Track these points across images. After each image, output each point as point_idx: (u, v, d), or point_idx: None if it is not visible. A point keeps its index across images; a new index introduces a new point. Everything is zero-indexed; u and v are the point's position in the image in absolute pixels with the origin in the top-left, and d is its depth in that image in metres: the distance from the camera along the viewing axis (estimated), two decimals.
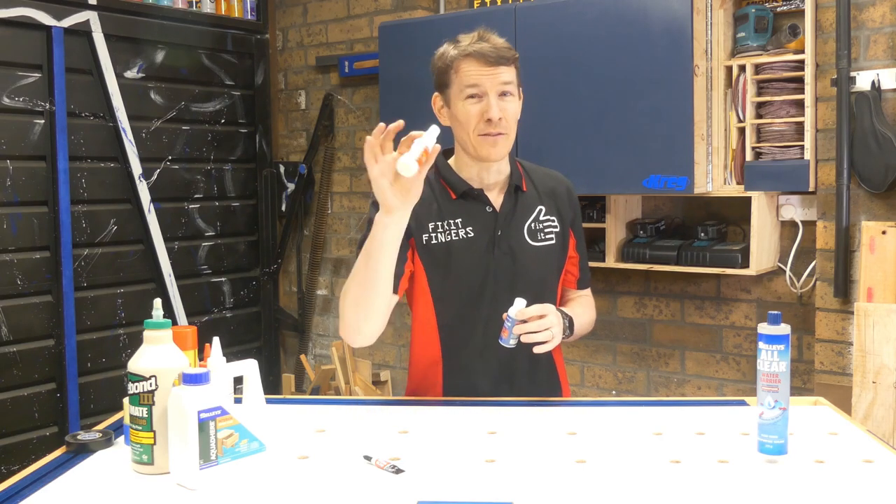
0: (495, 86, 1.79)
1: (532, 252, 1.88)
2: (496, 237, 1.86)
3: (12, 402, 3.30)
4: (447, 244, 1.85)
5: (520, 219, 1.89)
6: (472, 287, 1.85)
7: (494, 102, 1.79)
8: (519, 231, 1.88)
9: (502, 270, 1.86)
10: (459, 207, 1.87)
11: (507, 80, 1.80)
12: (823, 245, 2.89)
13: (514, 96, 1.82)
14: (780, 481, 1.34)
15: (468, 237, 1.86)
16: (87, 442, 1.51)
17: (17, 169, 3.29)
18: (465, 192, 1.87)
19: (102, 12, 3.52)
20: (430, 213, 1.86)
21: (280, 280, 4.41)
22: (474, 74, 1.79)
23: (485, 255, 1.85)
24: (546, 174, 2.00)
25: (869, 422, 2.63)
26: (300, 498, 1.31)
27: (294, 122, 4.35)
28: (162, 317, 1.43)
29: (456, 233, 1.86)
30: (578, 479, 1.36)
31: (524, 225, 1.89)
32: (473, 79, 1.79)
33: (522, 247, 1.88)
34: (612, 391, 3.51)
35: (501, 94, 1.80)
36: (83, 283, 3.51)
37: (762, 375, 1.44)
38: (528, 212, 1.91)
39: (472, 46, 1.80)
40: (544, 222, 1.92)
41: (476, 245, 1.86)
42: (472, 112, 1.80)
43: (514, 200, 1.90)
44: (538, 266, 1.90)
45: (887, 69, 2.73)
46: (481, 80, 1.79)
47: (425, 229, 1.86)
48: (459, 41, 1.83)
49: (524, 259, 1.87)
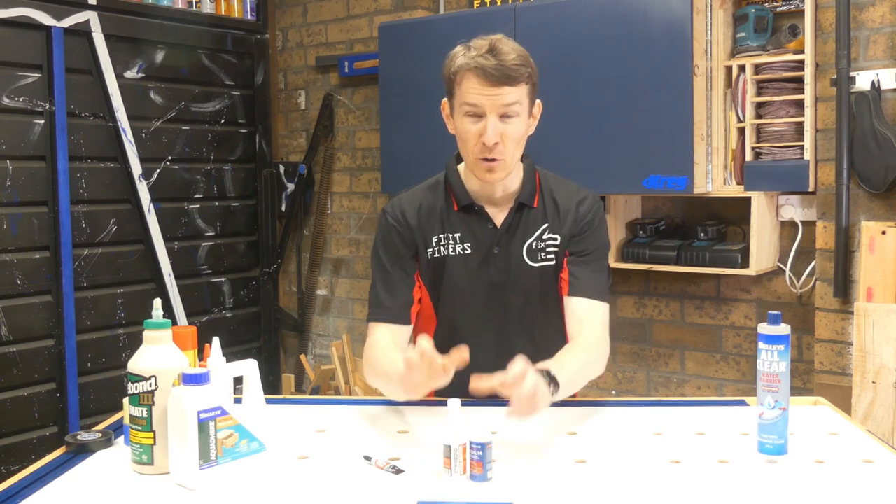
0: (495, 107, 1.68)
1: (529, 272, 1.81)
2: (492, 255, 1.81)
3: (12, 402, 3.30)
4: (444, 258, 1.82)
5: (520, 237, 1.82)
6: (464, 303, 1.82)
7: (492, 125, 1.68)
8: (517, 250, 1.81)
9: (495, 288, 1.81)
10: (460, 221, 1.83)
11: (510, 102, 1.68)
12: (823, 245, 2.89)
13: (518, 117, 1.71)
14: (780, 481, 1.34)
15: (464, 253, 1.81)
16: (86, 442, 1.51)
17: (17, 169, 3.29)
18: (466, 206, 1.82)
19: (102, 12, 3.52)
20: (434, 226, 1.83)
21: (280, 280, 4.41)
22: (474, 93, 1.68)
23: (478, 272, 1.81)
24: (566, 189, 1.87)
25: (869, 422, 2.63)
26: (300, 498, 1.31)
27: (294, 123, 4.35)
28: (162, 317, 1.43)
29: (453, 248, 1.82)
30: (578, 479, 1.36)
31: (524, 244, 1.82)
32: (473, 97, 1.68)
33: (520, 267, 1.80)
34: (612, 391, 3.51)
35: (503, 116, 1.69)
36: (83, 283, 3.51)
37: (762, 375, 1.44)
38: (530, 230, 1.82)
39: (476, 60, 1.66)
40: (546, 241, 1.82)
41: (471, 261, 1.81)
42: (470, 131, 1.71)
43: (518, 218, 1.82)
44: (533, 287, 1.81)
45: (887, 69, 2.73)
46: (481, 101, 1.67)
47: (430, 244, 1.83)
48: (471, 48, 1.70)
49: (518, 279, 1.80)
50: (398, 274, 1.83)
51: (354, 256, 4.19)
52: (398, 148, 3.53)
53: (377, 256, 1.87)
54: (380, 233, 1.87)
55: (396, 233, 1.84)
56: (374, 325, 1.82)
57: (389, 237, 1.85)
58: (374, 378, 1.75)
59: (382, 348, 1.75)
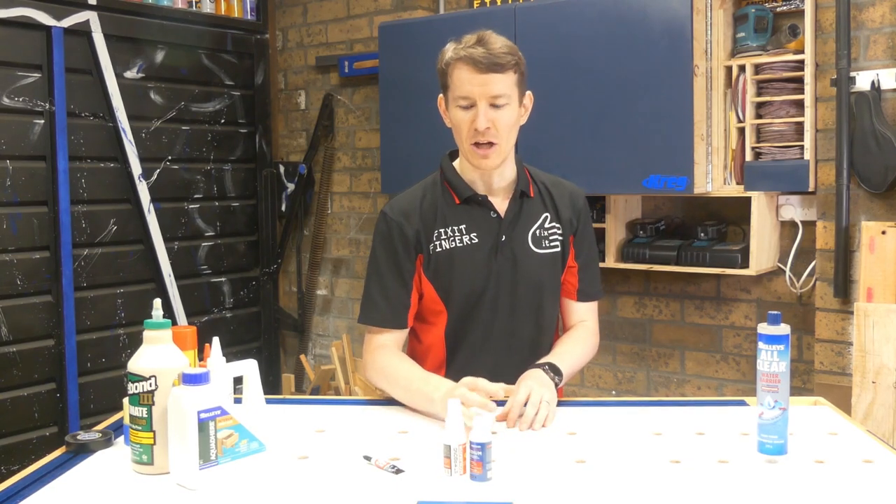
0: (485, 95, 1.74)
1: (535, 259, 1.87)
2: (500, 242, 1.85)
3: (12, 402, 3.30)
4: (450, 251, 1.85)
5: (524, 225, 1.88)
6: (474, 291, 1.85)
7: (483, 112, 1.74)
8: (523, 237, 1.87)
9: (504, 276, 1.85)
10: (463, 213, 1.86)
11: (499, 89, 1.74)
12: (823, 245, 2.89)
13: (509, 105, 1.77)
14: (780, 481, 1.34)
15: (472, 243, 1.85)
16: (87, 442, 1.51)
17: (17, 169, 3.29)
18: (468, 197, 1.86)
19: (102, 12, 3.52)
20: (435, 221, 1.86)
21: (280, 280, 4.41)
22: (465, 82, 1.74)
23: (487, 260, 1.85)
24: (554, 181, 1.97)
25: (869, 422, 2.63)
26: (300, 498, 1.31)
27: (294, 122, 4.35)
28: (162, 317, 1.43)
29: (460, 239, 1.85)
30: (578, 479, 1.36)
31: (529, 231, 1.88)
32: (464, 87, 1.75)
33: (526, 253, 1.86)
34: (612, 391, 3.51)
35: (493, 104, 1.75)
36: (83, 283, 3.51)
37: (762, 375, 1.44)
38: (533, 218, 1.89)
39: (465, 50, 1.74)
40: (549, 230, 1.90)
41: (480, 250, 1.85)
42: (463, 120, 1.77)
43: (520, 206, 1.88)
44: (540, 273, 1.88)
45: (887, 69, 2.73)
46: (471, 89, 1.74)
47: (431, 239, 1.86)
48: (460, 41, 1.78)
49: (527, 266, 1.86)
50: (396, 277, 1.86)
51: (354, 256, 4.19)
52: (398, 148, 3.53)
53: (374, 258, 1.89)
54: (378, 234, 1.90)
55: (398, 233, 1.86)
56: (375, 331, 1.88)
57: (389, 238, 1.87)
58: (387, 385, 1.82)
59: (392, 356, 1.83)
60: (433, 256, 1.85)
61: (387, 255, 1.86)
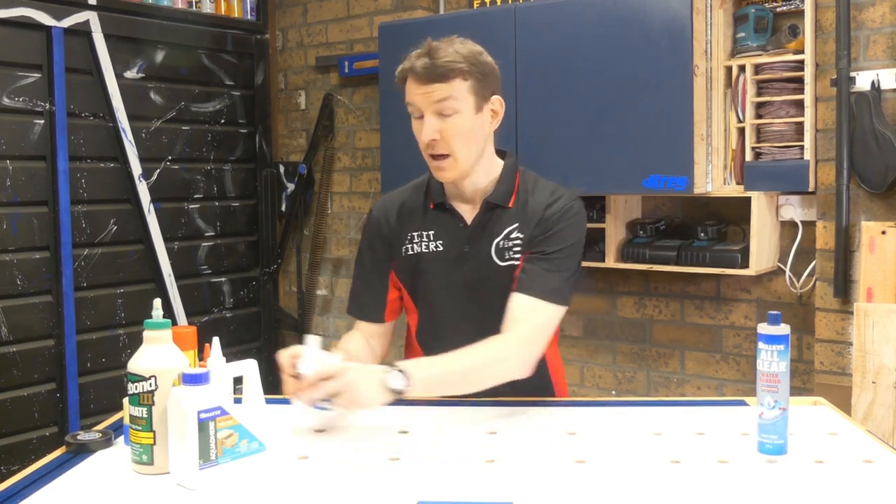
0: (429, 105, 1.71)
1: (497, 271, 1.80)
2: (464, 253, 1.83)
3: (12, 402, 3.30)
4: (418, 255, 1.86)
5: (489, 236, 1.82)
6: (441, 298, 1.85)
7: (429, 123, 1.71)
8: (486, 249, 1.81)
9: (469, 287, 1.83)
10: (435, 219, 1.86)
11: (442, 98, 1.69)
12: (823, 245, 2.89)
13: (458, 113, 1.71)
14: (780, 481, 1.34)
15: (437, 251, 1.84)
16: (86, 442, 1.51)
17: (17, 169, 3.29)
18: (439, 203, 1.86)
19: (102, 12, 3.52)
20: (410, 223, 1.88)
21: (280, 280, 4.41)
22: (412, 93, 1.73)
23: (451, 270, 1.83)
24: (543, 191, 1.84)
25: (869, 422, 2.63)
26: (300, 498, 1.31)
27: (294, 122, 4.35)
28: (162, 317, 1.43)
29: (427, 245, 1.85)
30: (578, 479, 1.36)
31: (493, 243, 1.81)
32: (410, 98, 1.74)
33: (489, 265, 1.81)
34: (612, 391, 3.51)
35: (439, 113, 1.71)
36: (83, 283, 3.51)
37: (762, 375, 1.44)
38: (499, 229, 1.82)
39: (410, 61, 1.72)
40: (514, 240, 1.81)
41: (443, 259, 1.84)
42: (417, 131, 1.77)
43: (488, 217, 1.82)
44: (502, 286, 1.79)
45: (887, 69, 2.73)
46: (416, 100, 1.73)
47: (403, 242, 1.87)
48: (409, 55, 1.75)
49: (488, 278, 1.81)
50: (374, 274, 1.92)
51: (354, 256, 4.18)
52: (398, 148, 3.52)
53: (360, 252, 1.96)
54: (366, 230, 1.96)
55: (378, 231, 1.91)
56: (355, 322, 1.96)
57: (373, 235, 1.93)
58: None
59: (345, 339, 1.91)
60: (404, 258, 1.87)
61: (368, 250, 1.93)
